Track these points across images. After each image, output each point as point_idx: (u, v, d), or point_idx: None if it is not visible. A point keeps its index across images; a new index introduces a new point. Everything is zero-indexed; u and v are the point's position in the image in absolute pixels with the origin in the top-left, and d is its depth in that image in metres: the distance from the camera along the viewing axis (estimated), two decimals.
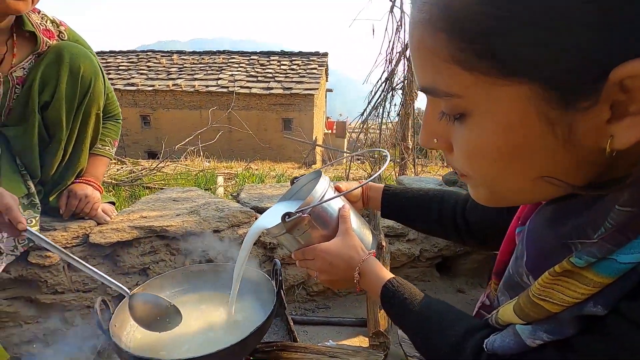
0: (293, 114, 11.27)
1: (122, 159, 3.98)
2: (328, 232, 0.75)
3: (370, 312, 1.32)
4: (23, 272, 1.13)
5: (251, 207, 1.49)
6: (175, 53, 12.85)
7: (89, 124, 1.22)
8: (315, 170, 0.86)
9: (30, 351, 1.21)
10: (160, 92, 11.01)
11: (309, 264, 0.73)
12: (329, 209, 0.76)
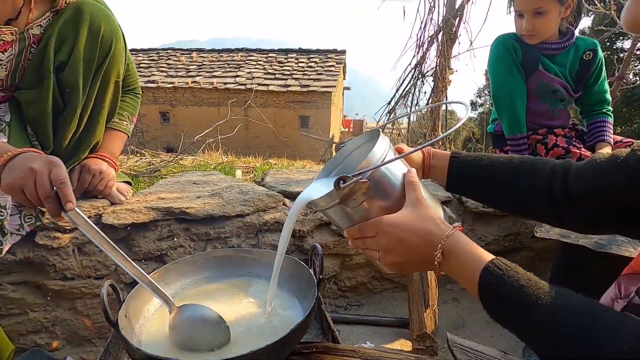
0: (310, 112, 11.16)
1: (141, 151, 3.93)
2: (389, 203, 0.60)
3: (414, 311, 1.16)
4: (29, 254, 1.02)
5: (278, 191, 1.34)
6: (194, 51, 12.98)
7: (107, 92, 1.10)
8: (370, 131, 0.71)
9: (37, 342, 1.10)
10: (179, 89, 11.10)
11: (368, 242, 0.58)
12: (391, 174, 0.61)
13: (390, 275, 1.43)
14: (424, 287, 1.18)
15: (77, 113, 1.06)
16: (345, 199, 0.58)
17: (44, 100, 1.01)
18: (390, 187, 0.61)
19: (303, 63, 12.16)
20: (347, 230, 0.61)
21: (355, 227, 0.60)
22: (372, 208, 0.60)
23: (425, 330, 1.10)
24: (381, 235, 0.56)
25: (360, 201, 0.58)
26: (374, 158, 0.60)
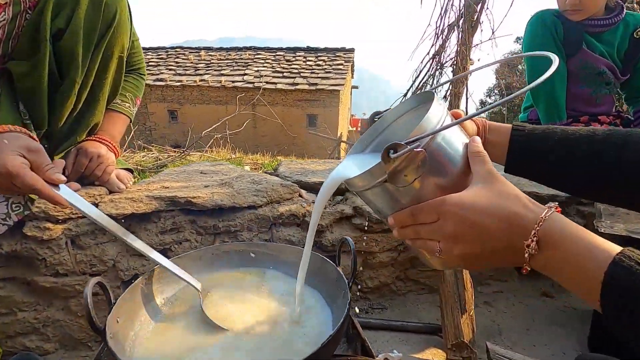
0: (318, 110, 11.07)
1: (148, 146, 3.85)
2: (448, 180, 0.48)
3: (448, 317, 1.02)
4: (17, 247, 0.91)
5: (293, 182, 1.22)
6: (203, 49, 12.97)
7: (109, 67, 0.99)
8: (417, 95, 0.58)
9: (26, 345, 0.99)
10: (187, 88, 11.08)
11: (425, 230, 0.45)
12: (451, 145, 0.49)
13: (416, 276, 1.30)
14: (459, 288, 1.05)
15: (75, 89, 0.94)
16: (394, 175, 0.45)
17: (39, 73, 0.90)
18: (449, 160, 0.48)
19: (311, 61, 12.07)
20: (393, 216, 0.49)
21: (406, 212, 0.47)
22: (426, 187, 0.47)
23: (462, 338, 0.97)
24: (445, 219, 0.43)
25: (412, 178, 0.46)
26: (429, 124, 0.47)
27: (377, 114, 0.66)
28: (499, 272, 1.38)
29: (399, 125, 0.63)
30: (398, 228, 0.49)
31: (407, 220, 0.47)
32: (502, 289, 1.37)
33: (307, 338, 0.57)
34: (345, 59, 12.10)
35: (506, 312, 1.27)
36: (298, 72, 11.34)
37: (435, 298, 1.32)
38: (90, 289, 0.50)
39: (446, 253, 0.44)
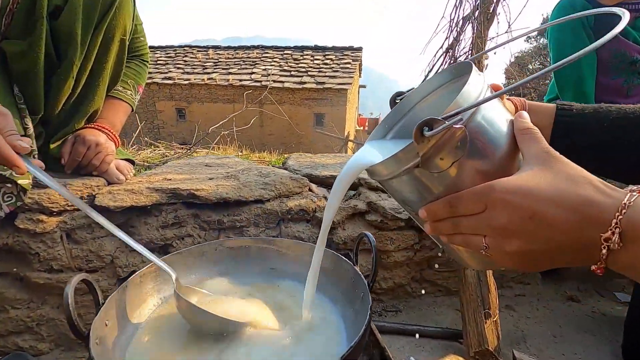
0: (325, 109, 11.01)
1: (154, 142, 3.82)
2: (490, 164, 0.40)
3: (471, 322, 0.94)
4: (9, 240, 0.85)
5: (303, 175, 1.14)
6: (210, 48, 13.00)
7: (110, 49, 0.93)
8: (449, 67, 0.51)
9: (19, 344, 0.93)
10: (195, 86, 11.09)
11: (466, 223, 0.38)
12: (493, 122, 0.41)
13: (433, 277, 1.22)
14: (482, 291, 0.96)
15: (73, 72, 0.89)
16: (428, 158, 0.38)
17: (35, 53, 0.84)
18: (492, 139, 0.41)
19: (319, 60, 12.02)
20: (426, 209, 0.41)
21: (443, 202, 0.39)
22: (465, 173, 0.40)
23: (486, 346, 0.89)
24: (495, 209, 0.35)
25: (449, 162, 0.38)
26: (468, 97, 0.39)
27: (399, 94, 0.58)
28: (521, 275, 1.30)
29: (426, 106, 0.55)
30: (431, 222, 0.41)
31: (443, 212, 0.39)
32: (525, 292, 1.29)
33: (318, 348, 0.49)
34: (352, 58, 12.02)
35: (530, 317, 1.18)
36: (305, 70, 11.29)
37: (453, 301, 1.24)
38: (72, 287, 0.44)
39: (495, 250, 0.36)
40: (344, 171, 0.48)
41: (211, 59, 12.28)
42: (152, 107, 11.42)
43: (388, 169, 0.42)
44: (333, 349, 0.49)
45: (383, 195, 1.12)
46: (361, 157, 0.48)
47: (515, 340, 1.08)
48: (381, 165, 0.43)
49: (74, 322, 0.42)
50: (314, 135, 10.47)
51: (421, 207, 0.42)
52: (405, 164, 0.40)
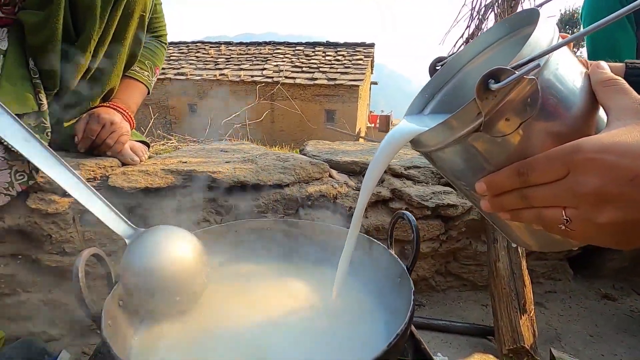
0: (336, 106, 10.95)
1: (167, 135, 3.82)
2: (565, 124, 0.34)
3: (503, 317, 0.88)
4: (20, 220, 0.82)
5: (323, 160, 1.09)
6: (223, 44, 13.05)
7: (129, 26, 0.90)
8: (504, 21, 0.45)
9: (31, 330, 0.90)
10: (207, 82, 11.14)
11: (542, 193, 0.32)
12: (566, 75, 0.35)
13: (458, 271, 1.15)
14: (516, 285, 0.90)
15: (91, 46, 0.85)
16: (491, 120, 0.32)
17: (53, 25, 0.81)
18: (566, 95, 0.35)
19: (330, 56, 11.94)
20: (487, 180, 0.35)
21: (509, 171, 0.33)
22: (534, 136, 0.34)
23: (521, 343, 0.82)
24: (584, 172, 0.29)
25: (517, 122, 0.32)
26: (537, 46, 0.33)
27: (439, 60, 0.52)
28: (551, 270, 1.22)
29: (475, 69, 0.49)
30: (491, 197, 0.35)
31: (509, 182, 0.33)
32: (556, 289, 1.21)
33: (355, 334, 0.44)
34: (365, 54, 11.91)
35: (562, 315, 1.11)
36: (317, 67, 11.23)
37: (479, 296, 1.18)
38: (83, 260, 0.39)
39: (580, 223, 0.30)
40: (385, 142, 0.43)
41: (223, 55, 12.32)
42: (164, 103, 11.53)
43: (440, 137, 0.37)
44: (373, 335, 0.44)
45: (408, 182, 1.06)
46: (404, 128, 0.43)
47: (549, 338, 1.01)
48: (432, 132, 0.37)
49: (84, 300, 0.38)
50: (325, 132, 10.41)
51: (479, 180, 0.36)
52: (463, 129, 0.34)
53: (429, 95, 0.51)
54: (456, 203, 1.03)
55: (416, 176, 1.08)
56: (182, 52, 12.66)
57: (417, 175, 1.08)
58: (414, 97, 0.52)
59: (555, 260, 1.21)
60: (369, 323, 0.47)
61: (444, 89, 0.51)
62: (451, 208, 1.03)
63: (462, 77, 0.50)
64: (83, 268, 0.39)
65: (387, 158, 0.44)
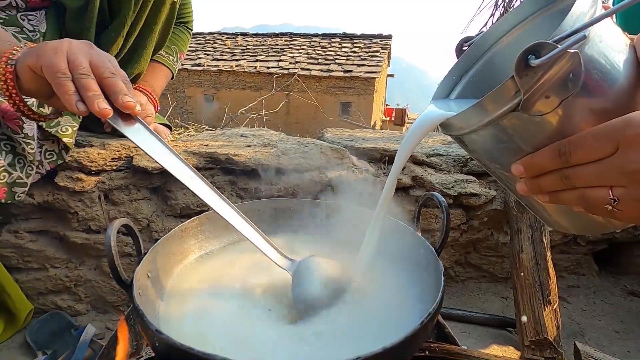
0: (352, 98, 10.86)
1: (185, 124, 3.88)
2: (608, 101, 0.32)
3: (526, 309, 0.86)
4: (49, 197, 0.84)
5: (343, 146, 1.08)
6: (239, 35, 13.09)
7: (161, 11, 0.91)
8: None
9: (58, 304, 0.93)
10: (224, 73, 11.21)
11: (587, 172, 0.31)
12: (611, 48, 0.33)
13: (478, 261, 1.13)
14: (540, 276, 0.87)
15: (123, 31, 0.86)
16: (530, 98, 0.31)
17: (92, 9, 0.82)
18: (609, 70, 0.33)
19: (347, 48, 11.82)
20: (524, 162, 0.34)
21: (550, 151, 0.32)
22: (576, 114, 0.32)
23: (545, 335, 0.80)
24: (635, 149, 0.27)
25: (557, 100, 0.31)
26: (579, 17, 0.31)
27: (466, 40, 0.50)
28: (575, 265, 1.19)
29: (507, 48, 0.47)
30: (530, 178, 0.34)
31: (550, 163, 0.32)
32: (579, 284, 1.18)
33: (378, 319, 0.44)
34: (381, 46, 11.73)
35: (586, 310, 1.08)
36: (333, 58, 11.14)
37: (499, 288, 1.16)
38: (115, 229, 0.40)
39: (631, 203, 0.29)
40: (415, 125, 0.42)
41: (239, 46, 12.35)
42: (181, 93, 11.66)
43: (473, 119, 0.35)
44: (402, 315, 0.43)
45: (429, 170, 1.04)
46: (433, 110, 0.42)
47: (572, 333, 0.98)
48: (465, 114, 0.36)
49: (117, 269, 0.39)
50: (340, 124, 10.36)
51: (515, 162, 0.35)
52: (498, 109, 0.32)
53: (457, 78, 0.49)
54: (479, 192, 1.01)
55: (438, 164, 1.06)
56: (199, 43, 12.74)
57: (439, 163, 1.06)
58: (441, 80, 0.50)
59: (579, 254, 1.18)
60: (398, 302, 0.46)
61: (472, 70, 0.49)
62: (474, 197, 1.01)
63: (491, 57, 0.48)
64: (115, 236, 0.39)
65: (416, 139, 0.43)
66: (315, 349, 0.38)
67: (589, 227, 0.39)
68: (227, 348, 0.38)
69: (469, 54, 0.49)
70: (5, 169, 0.67)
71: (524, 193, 0.36)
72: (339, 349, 0.39)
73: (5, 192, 0.69)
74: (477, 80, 0.49)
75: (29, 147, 0.69)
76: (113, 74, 0.46)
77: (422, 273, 0.49)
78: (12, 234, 0.86)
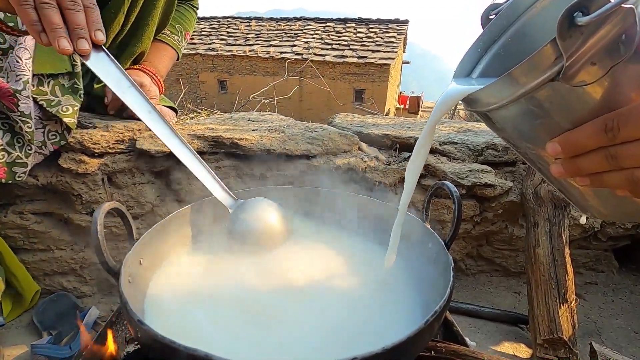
0: (366, 85, 10.68)
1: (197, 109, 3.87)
2: None
3: (540, 306, 0.82)
4: (52, 179, 0.83)
5: (353, 133, 1.04)
6: (253, 19, 12.96)
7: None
8: None
9: (64, 285, 0.94)
10: (237, 58, 11.14)
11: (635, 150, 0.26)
12: None
13: (491, 255, 1.09)
14: (557, 272, 0.83)
15: (124, 7, 0.83)
16: (573, 65, 0.26)
17: None
18: None
19: (362, 33, 11.57)
20: (562, 140, 0.29)
21: (594, 126, 0.27)
22: (626, 85, 0.27)
23: (559, 334, 0.76)
24: None
25: (606, 67, 0.26)
26: None
27: (493, 8, 0.45)
28: (594, 261, 1.13)
29: (542, 16, 0.42)
30: (568, 158, 0.30)
31: (593, 140, 0.27)
32: (597, 281, 1.13)
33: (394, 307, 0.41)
34: (397, 32, 11.44)
35: (604, 309, 1.03)
36: (347, 44, 10.93)
37: (512, 283, 1.12)
38: (102, 212, 0.38)
39: None
40: (440, 100, 0.38)
41: (253, 30, 12.22)
42: (194, 78, 11.67)
43: (503, 92, 0.31)
44: (407, 313, 0.41)
45: (443, 159, 1.00)
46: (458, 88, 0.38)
47: (588, 332, 0.94)
48: (494, 87, 0.31)
49: (103, 254, 0.37)
50: (353, 112, 10.23)
51: (551, 140, 0.30)
52: (535, 79, 0.28)
53: (482, 50, 0.45)
54: (494, 183, 0.96)
55: (452, 152, 1.01)
56: (213, 27, 12.67)
57: (453, 151, 1.01)
58: (463, 55, 0.46)
59: (599, 250, 1.12)
60: (402, 299, 0.43)
61: (499, 41, 0.44)
62: (488, 188, 0.96)
63: (522, 26, 0.43)
64: (102, 220, 0.37)
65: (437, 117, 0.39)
66: (312, 346, 0.36)
67: (634, 214, 0.34)
68: (215, 342, 0.36)
69: (496, 23, 0.44)
70: (4, 148, 0.66)
71: (560, 175, 0.31)
72: (337, 347, 0.36)
73: (5, 172, 0.68)
74: (505, 54, 0.44)
75: (25, 126, 0.68)
76: (74, 2, 0.44)
77: (430, 267, 0.45)
78: (17, 215, 0.86)
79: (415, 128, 1.15)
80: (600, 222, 1.05)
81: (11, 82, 0.66)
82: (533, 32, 0.42)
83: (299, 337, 0.36)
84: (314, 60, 10.55)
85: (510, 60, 0.44)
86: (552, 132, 0.30)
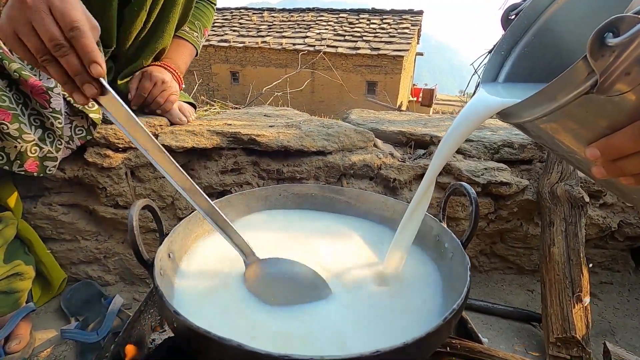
0: (378, 77, 10.55)
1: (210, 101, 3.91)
2: None
3: (554, 304, 0.82)
4: (79, 172, 0.87)
5: (369, 129, 1.05)
6: (265, 10, 12.90)
7: None
8: None
9: (89, 273, 0.98)
10: (249, 49, 11.13)
11: None
12: None
13: (504, 252, 1.09)
14: (572, 271, 0.83)
15: (147, 4, 0.85)
16: (607, 78, 0.26)
17: None
18: None
19: (375, 24, 11.40)
20: (601, 145, 0.30)
21: (634, 129, 0.28)
22: None
23: (572, 333, 0.77)
24: None
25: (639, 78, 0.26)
26: None
27: (513, 8, 0.45)
28: (610, 260, 1.12)
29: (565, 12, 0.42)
30: (608, 161, 0.30)
31: (632, 144, 0.28)
32: (612, 281, 1.12)
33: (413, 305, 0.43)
34: (412, 23, 11.23)
35: (619, 309, 1.03)
36: (360, 35, 10.79)
37: (525, 281, 1.12)
38: (137, 209, 0.40)
39: None
40: (466, 112, 0.38)
41: (266, 21, 12.17)
42: (207, 70, 11.72)
43: (538, 107, 0.31)
44: (425, 310, 0.42)
45: (458, 156, 1.00)
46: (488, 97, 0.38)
47: (602, 331, 0.94)
48: (528, 102, 0.32)
49: (139, 248, 0.39)
50: (365, 104, 10.13)
51: (590, 145, 0.31)
52: (568, 94, 0.28)
53: (505, 52, 0.45)
54: (510, 181, 0.96)
55: (467, 150, 1.01)
56: (225, 18, 12.66)
57: (468, 149, 1.01)
58: (487, 60, 0.46)
59: (615, 250, 1.11)
60: (420, 296, 0.45)
61: (522, 40, 0.45)
62: (504, 186, 0.96)
63: (545, 22, 0.43)
64: (137, 217, 0.39)
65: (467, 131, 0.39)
66: (332, 341, 0.38)
67: None
68: (242, 333, 0.38)
69: (518, 23, 0.44)
70: (36, 143, 0.69)
71: (602, 177, 0.32)
72: (358, 342, 0.38)
73: (37, 165, 0.71)
74: (530, 52, 0.44)
75: (57, 122, 0.71)
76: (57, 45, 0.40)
77: (447, 266, 0.47)
78: (46, 206, 0.90)
79: (431, 125, 1.14)
80: (617, 221, 1.04)
81: (43, 80, 0.68)
82: (558, 27, 0.42)
83: (323, 330, 0.38)
84: (326, 52, 10.47)
85: (535, 57, 0.44)
86: (590, 138, 0.31)
